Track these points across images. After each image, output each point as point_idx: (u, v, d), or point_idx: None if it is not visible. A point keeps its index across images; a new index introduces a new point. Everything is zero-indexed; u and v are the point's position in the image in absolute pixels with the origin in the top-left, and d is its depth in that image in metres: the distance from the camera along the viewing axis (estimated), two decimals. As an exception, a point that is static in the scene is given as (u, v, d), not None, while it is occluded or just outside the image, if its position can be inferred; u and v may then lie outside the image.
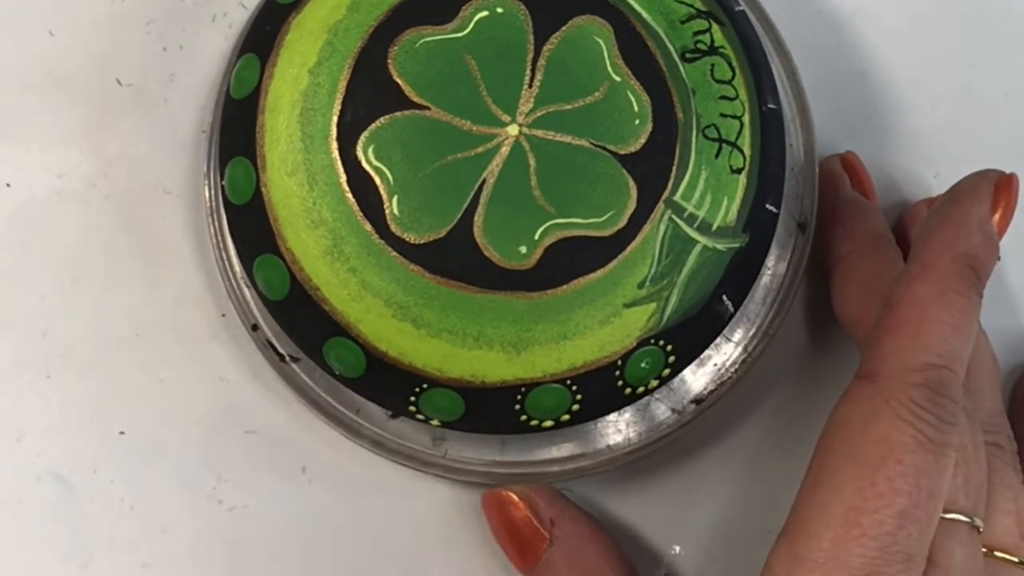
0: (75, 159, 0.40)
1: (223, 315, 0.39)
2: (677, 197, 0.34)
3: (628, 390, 0.35)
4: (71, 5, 0.40)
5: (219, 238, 0.38)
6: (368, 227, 0.34)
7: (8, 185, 0.39)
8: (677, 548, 0.38)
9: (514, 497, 0.36)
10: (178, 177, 0.40)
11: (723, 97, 0.35)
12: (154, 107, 0.40)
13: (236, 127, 0.36)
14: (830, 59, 0.42)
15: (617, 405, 0.35)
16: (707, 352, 0.36)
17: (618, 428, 0.37)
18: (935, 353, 0.31)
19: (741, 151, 0.35)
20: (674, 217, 0.34)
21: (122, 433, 0.38)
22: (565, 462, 0.37)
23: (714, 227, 0.34)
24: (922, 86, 0.42)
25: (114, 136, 0.40)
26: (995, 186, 0.34)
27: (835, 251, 0.38)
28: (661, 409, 0.37)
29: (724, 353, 0.37)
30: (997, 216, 0.33)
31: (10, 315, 0.39)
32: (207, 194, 0.38)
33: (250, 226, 0.35)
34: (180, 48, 0.40)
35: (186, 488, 0.38)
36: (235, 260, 0.37)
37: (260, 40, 0.36)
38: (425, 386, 0.34)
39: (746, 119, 0.35)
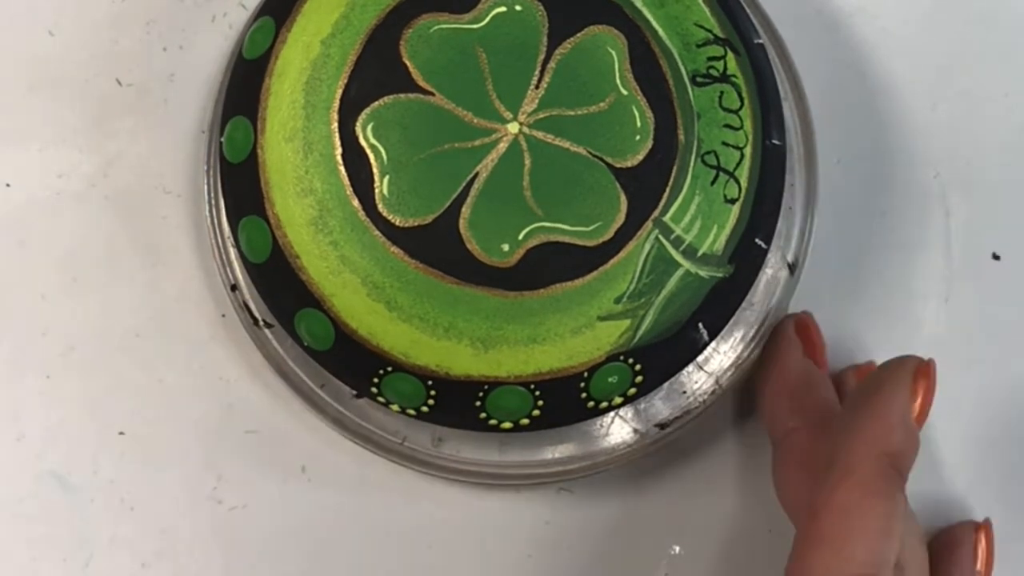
0: (75, 159, 0.40)
1: (223, 315, 0.39)
2: (667, 218, 0.34)
3: (591, 403, 0.34)
4: (71, 5, 0.40)
5: (212, 193, 0.38)
6: (356, 203, 0.34)
7: (8, 185, 0.39)
8: (677, 548, 0.38)
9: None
10: (178, 177, 0.40)
11: (727, 126, 0.35)
12: (154, 107, 0.40)
13: (242, 87, 0.36)
14: (830, 59, 0.41)
15: (578, 417, 0.35)
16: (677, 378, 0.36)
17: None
18: (860, 562, 0.31)
19: (738, 182, 0.34)
20: (661, 237, 0.34)
21: (122, 433, 0.38)
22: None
23: (700, 253, 0.34)
24: (922, 86, 0.41)
25: (114, 136, 0.40)
26: (914, 374, 0.33)
27: (780, 426, 0.36)
28: (625, 429, 0.37)
29: (695, 381, 0.37)
30: (917, 403, 0.33)
31: (10, 315, 0.39)
32: (207, 149, 0.38)
33: (241, 186, 0.35)
34: (180, 48, 0.40)
35: (186, 488, 0.38)
36: (223, 219, 0.37)
37: (279, 4, 0.36)
38: (390, 369, 0.34)
39: (747, 151, 0.35)
